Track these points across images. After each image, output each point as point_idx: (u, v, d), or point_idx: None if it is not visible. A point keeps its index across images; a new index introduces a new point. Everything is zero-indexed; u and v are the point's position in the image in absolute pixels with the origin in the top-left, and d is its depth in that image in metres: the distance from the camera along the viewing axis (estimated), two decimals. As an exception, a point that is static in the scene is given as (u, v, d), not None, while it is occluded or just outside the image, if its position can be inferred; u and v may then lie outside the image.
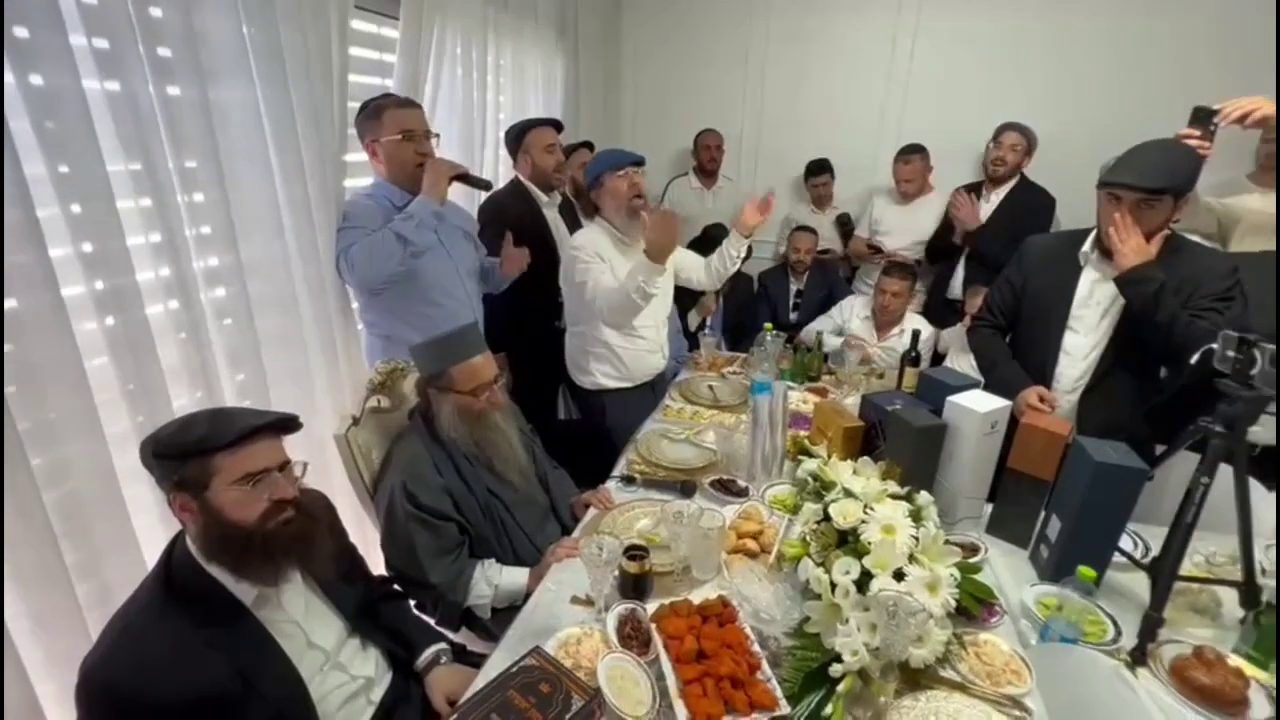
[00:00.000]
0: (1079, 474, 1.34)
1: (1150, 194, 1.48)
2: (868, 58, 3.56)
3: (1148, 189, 1.48)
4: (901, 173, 3.14)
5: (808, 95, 3.71)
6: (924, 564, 1.15)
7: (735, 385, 2.30)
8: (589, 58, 3.18)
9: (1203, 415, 1.22)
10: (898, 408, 1.56)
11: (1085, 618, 1.25)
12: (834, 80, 3.65)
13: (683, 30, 3.80)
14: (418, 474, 1.36)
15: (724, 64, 3.78)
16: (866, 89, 3.61)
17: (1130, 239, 1.49)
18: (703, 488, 1.66)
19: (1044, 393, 1.67)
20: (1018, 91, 3.30)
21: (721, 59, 3.78)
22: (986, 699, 1.07)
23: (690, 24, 3.78)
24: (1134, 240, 1.49)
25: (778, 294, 3.25)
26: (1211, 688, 1.11)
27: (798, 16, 3.59)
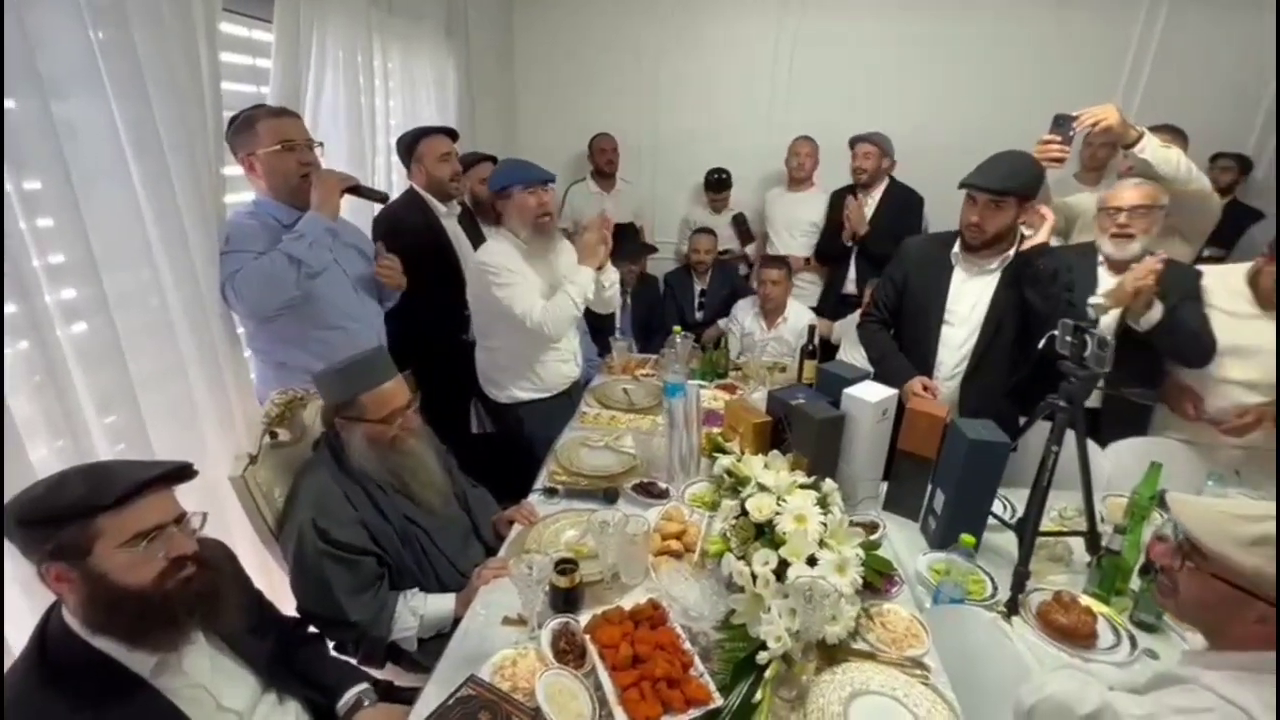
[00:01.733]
0: (956, 451, 1.51)
1: (996, 195, 1.70)
2: (753, 64, 3.74)
3: (994, 190, 1.70)
4: (800, 147, 3.34)
5: (700, 99, 3.84)
6: (833, 547, 1.25)
7: (649, 387, 2.36)
8: (480, 60, 3.11)
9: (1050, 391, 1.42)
10: (801, 402, 1.67)
11: (969, 579, 1.41)
12: (724, 85, 3.81)
13: (573, 31, 3.81)
14: (328, 509, 1.29)
15: (617, 66, 3.83)
16: (754, 93, 3.80)
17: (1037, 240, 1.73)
18: (625, 493, 1.70)
19: (927, 382, 1.85)
20: (892, 97, 3.61)
21: (615, 61, 3.83)
22: (892, 663, 1.18)
23: (580, 24, 3.80)
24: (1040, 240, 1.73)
25: (683, 294, 3.36)
26: (1068, 626, 1.29)
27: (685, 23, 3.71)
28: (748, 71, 3.76)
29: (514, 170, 1.94)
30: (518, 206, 1.91)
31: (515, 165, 1.97)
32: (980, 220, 1.74)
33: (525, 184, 1.90)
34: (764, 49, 3.71)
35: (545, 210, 1.93)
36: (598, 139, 3.58)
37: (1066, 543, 1.56)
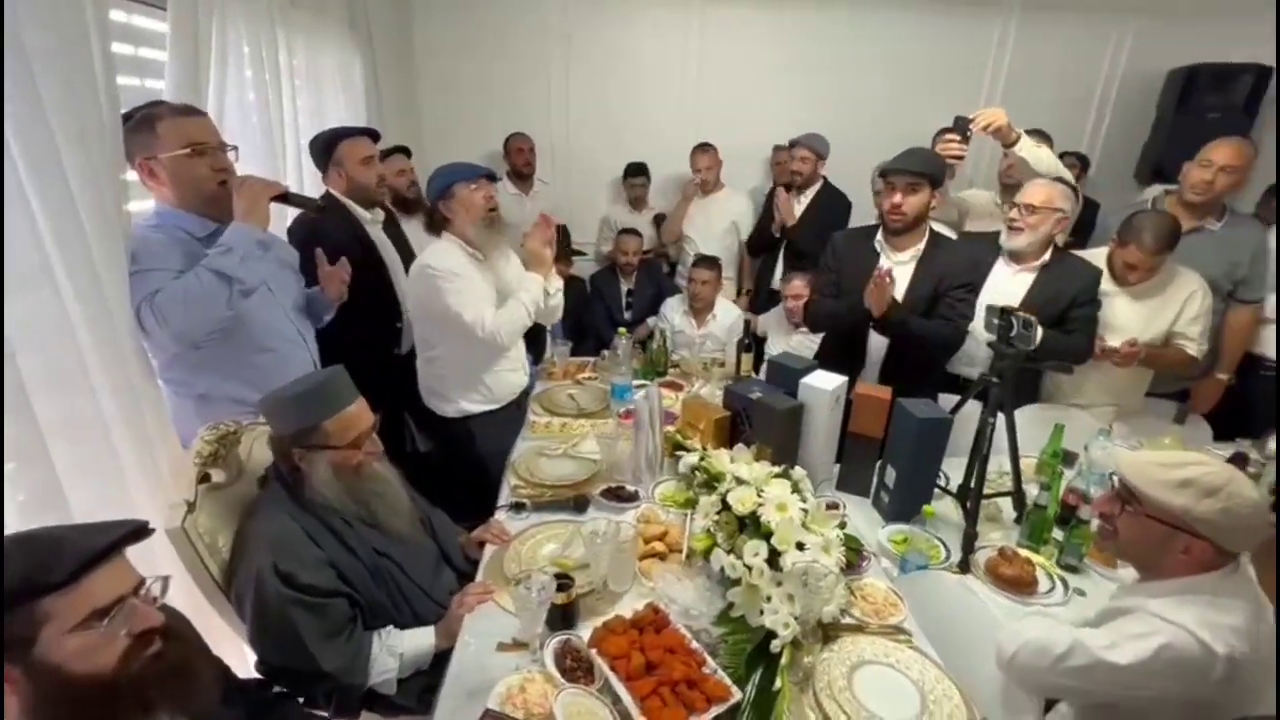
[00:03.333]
0: (904, 429, 1.63)
1: (914, 175, 1.87)
2: (665, 62, 3.82)
3: (912, 171, 1.87)
4: (699, 160, 3.44)
5: (612, 97, 3.86)
6: (816, 531, 1.32)
7: (595, 391, 2.34)
8: (385, 54, 2.92)
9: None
10: (759, 395, 1.73)
11: (927, 546, 1.54)
12: (637, 83, 3.85)
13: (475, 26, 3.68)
14: (290, 551, 1.17)
15: (527, 65, 3.76)
16: (667, 93, 3.87)
17: (875, 303, 1.85)
18: (594, 500, 1.68)
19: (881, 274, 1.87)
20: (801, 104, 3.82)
21: (523, 60, 3.75)
22: (878, 633, 1.27)
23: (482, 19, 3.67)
24: (877, 300, 1.85)
25: (610, 295, 3.36)
26: (1014, 577, 1.45)
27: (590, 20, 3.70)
28: (660, 70, 3.83)
29: (451, 170, 1.85)
30: (464, 204, 1.82)
31: (451, 166, 1.88)
32: (901, 202, 1.89)
33: (466, 179, 1.82)
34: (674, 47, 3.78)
35: (493, 204, 1.86)
36: (514, 139, 3.49)
37: (997, 503, 1.75)
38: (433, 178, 1.86)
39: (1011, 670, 1.13)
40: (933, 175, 1.89)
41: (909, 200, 1.89)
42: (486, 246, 1.88)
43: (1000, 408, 1.56)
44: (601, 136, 3.90)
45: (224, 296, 1.30)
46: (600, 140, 3.90)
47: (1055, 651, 1.06)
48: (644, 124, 3.89)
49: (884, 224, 1.99)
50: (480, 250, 1.87)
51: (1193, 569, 1.04)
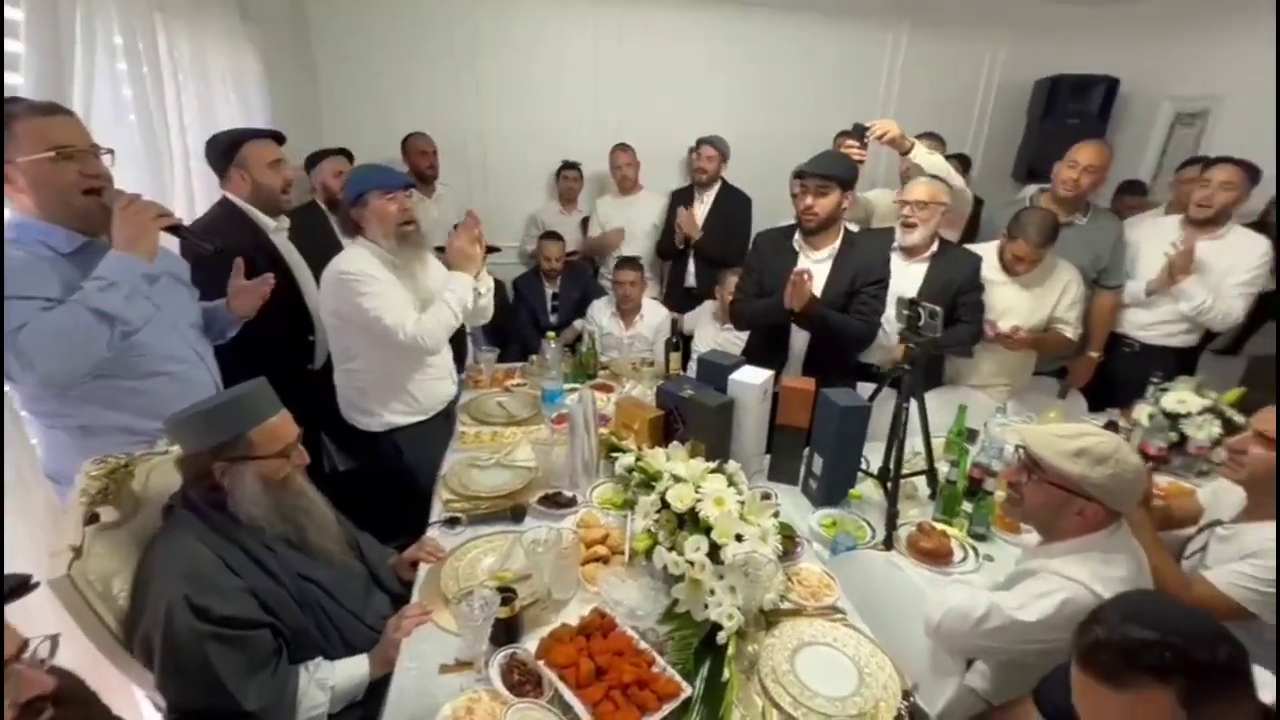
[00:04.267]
0: (828, 418, 1.72)
1: (823, 179, 1.96)
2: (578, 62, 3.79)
3: (822, 175, 1.96)
4: (619, 157, 3.48)
5: (529, 98, 3.79)
6: (753, 522, 1.36)
7: (525, 397, 2.30)
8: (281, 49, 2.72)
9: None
10: (691, 393, 1.77)
11: (854, 527, 1.62)
12: (552, 84, 3.80)
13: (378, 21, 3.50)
14: (205, 581, 1.07)
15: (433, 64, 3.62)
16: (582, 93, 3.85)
17: (795, 300, 1.93)
18: (532, 509, 1.65)
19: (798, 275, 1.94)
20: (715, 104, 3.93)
21: (429, 59, 3.61)
22: (816, 614, 1.32)
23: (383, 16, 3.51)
24: (796, 298, 1.93)
25: (535, 298, 3.31)
26: (933, 549, 1.55)
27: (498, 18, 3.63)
28: (574, 69, 3.80)
29: (368, 175, 1.76)
30: (377, 214, 1.73)
31: (369, 170, 1.79)
32: (813, 204, 1.98)
33: (382, 189, 1.73)
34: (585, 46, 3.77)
35: (408, 217, 1.78)
36: (414, 140, 3.33)
37: (913, 482, 1.87)
38: (348, 180, 1.76)
39: (938, 636, 1.21)
40: (842, 178, 1.99)
41: (820, 202, 1.98)
42: (400, 258, 1.80)
43: (912, 393, 1.67)
44: (518, 136, 3.82)
45: (103, 338, 1.16)
46: (516, 139, 3.82)
47: (975, 615, 1.15)
48: (561, 123, 3.86)
49: (799, 224, 2.08)
50: (398, 259, 1.79)
51: (1086, 529, 1.16)
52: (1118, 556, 1.12)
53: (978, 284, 2.18)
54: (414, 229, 1.80)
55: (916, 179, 2.19)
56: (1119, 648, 0.73)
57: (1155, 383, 2.08)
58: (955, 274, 2.16)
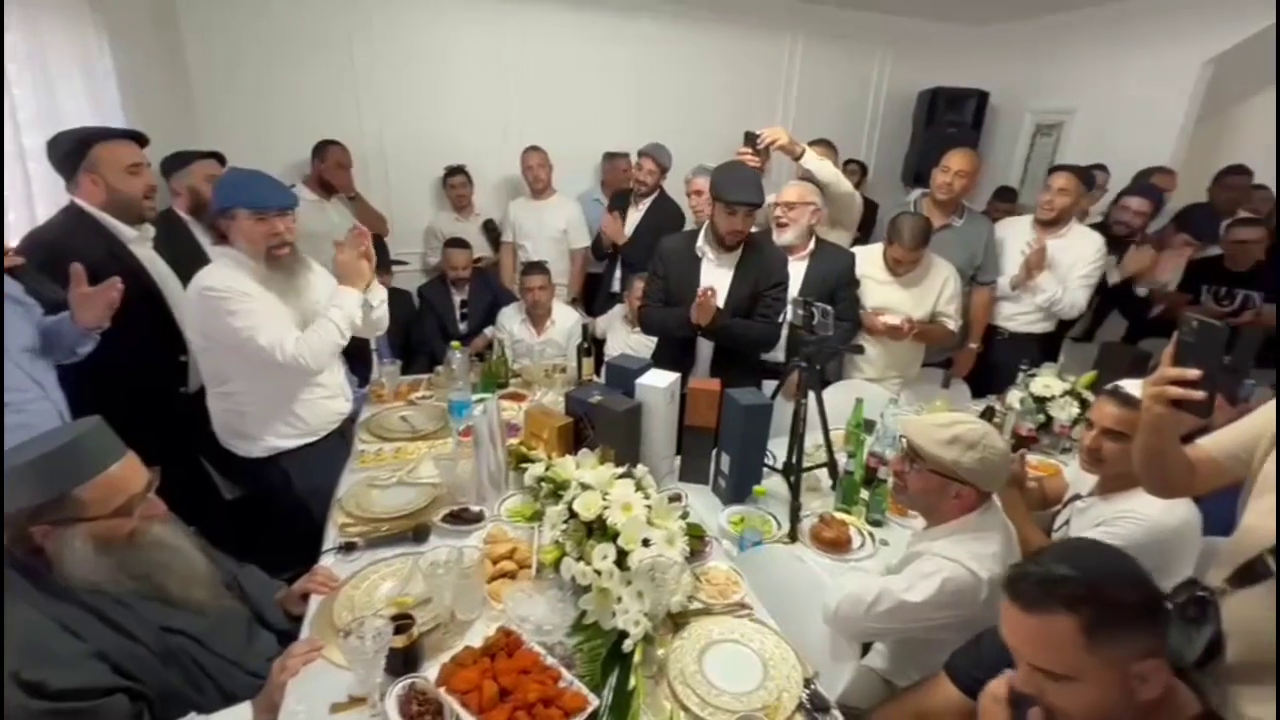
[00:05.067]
0: (733, 417, 1.76)
1: (754, 208, 2.04)
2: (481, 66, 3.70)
3: (755, 204, 2.04)
4: (530, 159, 3.43)
5: (429, 102, 3.65)
6: (660, 525, 1.36)
7: (431, 410, 2.21)
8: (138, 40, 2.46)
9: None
10: (600, 399, 1.76)
11: (760, 523, 1.67)
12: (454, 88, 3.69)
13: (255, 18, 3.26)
14: (39, 652, 0.94)
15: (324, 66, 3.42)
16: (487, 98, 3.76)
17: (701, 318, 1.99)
18: (436, 527, 1.58)
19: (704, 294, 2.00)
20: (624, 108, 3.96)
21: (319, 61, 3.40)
22: (723, 612, 1.35)
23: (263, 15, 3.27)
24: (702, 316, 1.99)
25: (442, 307, 3.19)
26: (834, 539, 1.62)
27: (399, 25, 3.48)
28: (477, 73, 3.71)
29: (240, 188, 1.60)
30: (244, 234, 1.59)
31: (242, 181, 1.62)
32: (741, 227, 2.05)
33: (255, 209, 1.58)
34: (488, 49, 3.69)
35: (280, 240, 1.63)
36: (332, 151, 3.15)
37: (816, 474, 1.95)
38: (216, 187, 1.61)
39: (835, 623, 1.27)
40: (762, 201, 2.08)
41: (746, 223, 2.05)
42: (270, 283, 1.65)
43: (810, 389, 1.74)
44: (418, 141, 3.68)
45: None
46: (418, 146, 3.68)
47: (867, 600, 1.21)
48: (466, 128, 3.75)
49: (718, 239, 2.09)
50: (268, 282, 1.64)
51: (963, 510, 1.25)
52: (990, 534, 1.21)
53: (853, 280, 2.32)
54: (288, 251, 1.66)
55: (790, 181, 2.30)
56: (1040, 578, 0.81)
57: (1024, 370, 2.29)
58: (831, 271, 2.29)
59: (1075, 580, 0.77)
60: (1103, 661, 0.76)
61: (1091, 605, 0.76)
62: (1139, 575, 0.79)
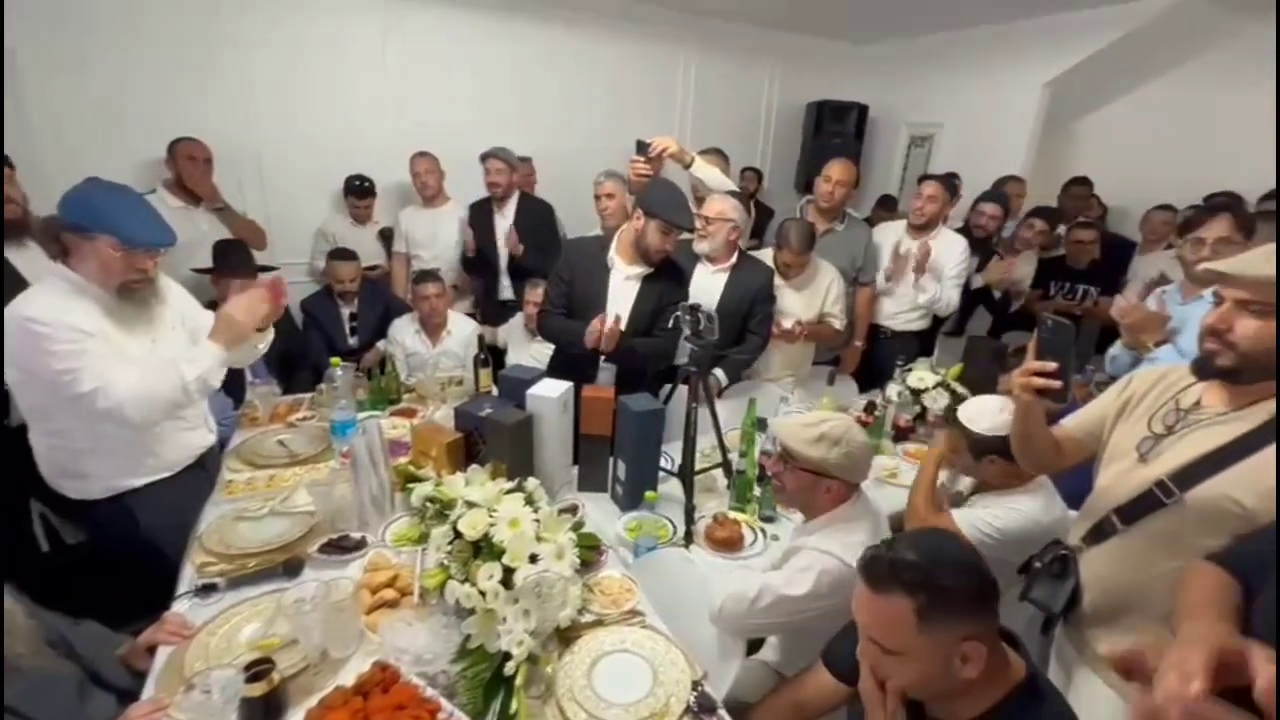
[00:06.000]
0: (626, 424, 1.76)
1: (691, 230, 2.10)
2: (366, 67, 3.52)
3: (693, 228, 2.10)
4: (419, 165, 3.31)
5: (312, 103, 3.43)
6: (549, 539, 1.34)
7: (313, 432, 2.06)
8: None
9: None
10: (490, 411, 1.71)
11: (656, 528, 1.68)
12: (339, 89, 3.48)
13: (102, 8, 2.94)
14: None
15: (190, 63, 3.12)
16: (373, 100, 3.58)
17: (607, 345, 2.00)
18: (312, 558, 1.47)
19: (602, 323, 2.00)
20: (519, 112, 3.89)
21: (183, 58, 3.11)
22: (617, 621, 1.34)
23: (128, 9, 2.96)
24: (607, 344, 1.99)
25: (329, 321, 2.99)
26: (726, 538, 1.66)
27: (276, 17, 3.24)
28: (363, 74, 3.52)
29: (109, 212, 1.37)
30: (99, 262, 1.39)
31: (114, 203, 1.39)
32: (673, 247, 2.07)
33: (122, 242, 1.38)
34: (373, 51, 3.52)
35: (140, 277, 1.45)
36: (183, 145, 2.87)
37: (712, 475, 1.99)
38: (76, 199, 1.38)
39: (720, 621, 1.29)
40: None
41: (675, 243, 2.07)
42: (117, 314, 1.46)
43: (701, 392, 1.77)
44: (301, 143, 3.44)
45: None
46: (301, 147, 3.44)
47: (749, 597, 1.24)
48: (352, 131, 3.55)
49: (644, 254, 2.06)
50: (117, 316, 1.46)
51: (835, 504, 1.31)
52: (859, 524, 1.28)
53: (770, 295, 2.40)
54: (146, 286, 1.48)
55: (712, 195, 2.35)
56: (888, 562, 0.87)
57: (900, 365, 2.45)
58: (750, 284, 2.35)
59: (918, 567, 0.83)
60: (930, 641, 0.83)
61: (926, 591, 0.82)
62: (975, 566, 0.87)
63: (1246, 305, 0.96)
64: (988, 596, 0.86)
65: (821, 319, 2.59)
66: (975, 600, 0.84)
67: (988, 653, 0.83)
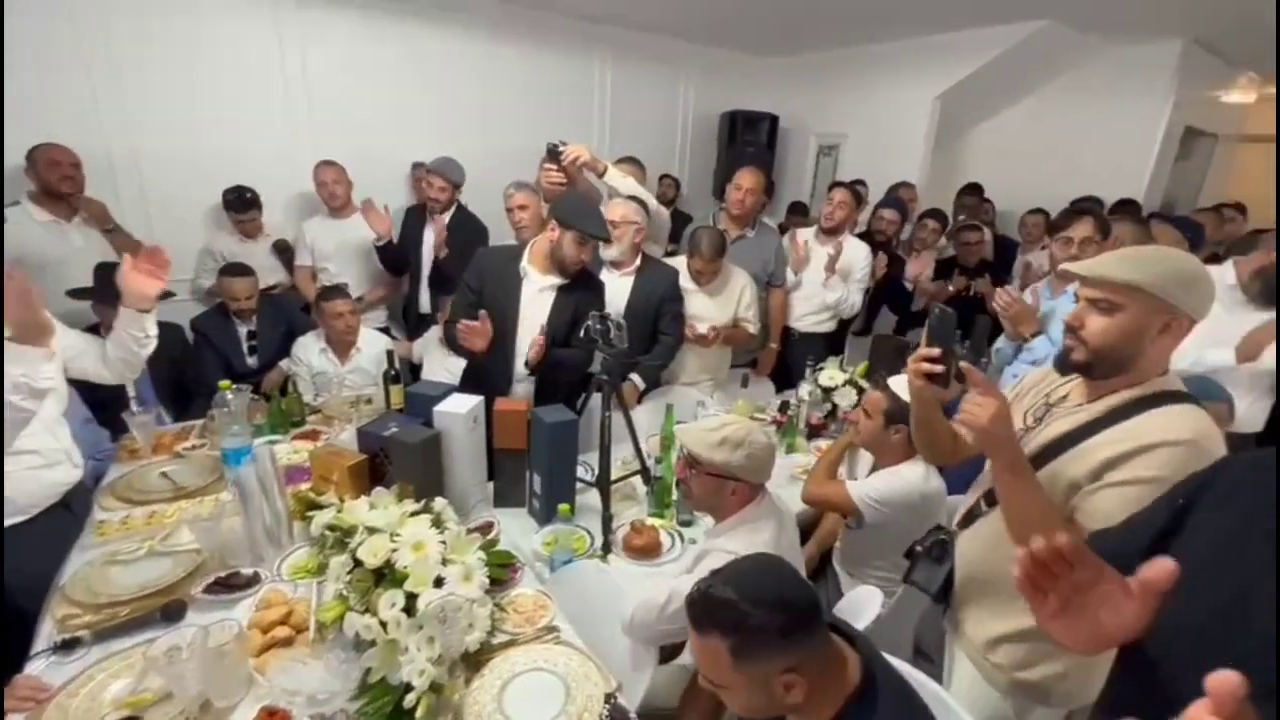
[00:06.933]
0: (540, 436, 1.73)
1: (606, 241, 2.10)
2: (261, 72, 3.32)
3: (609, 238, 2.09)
4: (324, 175, 3.16)
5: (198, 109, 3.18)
6: (456, 560, 1.29)
7: (202, 461, 1.91)
8: None
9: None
10: (395, 431, 1.64)
11: (572, 540, 1.66)
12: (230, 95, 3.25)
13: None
14: None
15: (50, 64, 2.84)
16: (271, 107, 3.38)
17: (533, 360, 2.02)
18: (195, 599, 1.36)
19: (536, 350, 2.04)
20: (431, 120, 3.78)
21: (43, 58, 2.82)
22: (531, 639, 1.31)
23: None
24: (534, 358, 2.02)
25: (225, 341, 2.78)
26: (644, 545, 1.67)
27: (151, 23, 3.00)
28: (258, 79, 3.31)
29: None
30: None
31: None
32: (589, 257, 2.06)
33: None
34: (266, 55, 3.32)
35: None
36: (44, 151, 2.60)
37: (632, 483, 1.99)
38: None
39: (632, 631, 1.29)
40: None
41: (591, 253, 2.06)
42: None
43: (613, 400, 1.77)
44: (187, 152, 3.19)
45: None
46: (187, 157, 3.19)
47: (659, 603, 1.25)
48: (246, 140, 3.33)
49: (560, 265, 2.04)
50: None
51: (741, 505, 1.34)
52: (763, 523, 1.31)
53: (678, 295, 2.43)
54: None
55: (612, 200, 2.36)
56: (706, 601, 0.88)
57: (811, 364, 2.55)
58: (657, 286, 2.38)
59: (732, 606, 0.84)
60: (748, 677, 0.85)
61: (739, 632, 0.84)
62: (791, 600, 0.87)
63: (1096, 304, 1.04)
64: (805, 626, 0.86)
65: (736, 323, 2.65)
66: (789, 634, 0.84)
67: (815, 674, 0.85)
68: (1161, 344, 1.03)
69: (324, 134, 3.46)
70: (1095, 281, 1.05)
